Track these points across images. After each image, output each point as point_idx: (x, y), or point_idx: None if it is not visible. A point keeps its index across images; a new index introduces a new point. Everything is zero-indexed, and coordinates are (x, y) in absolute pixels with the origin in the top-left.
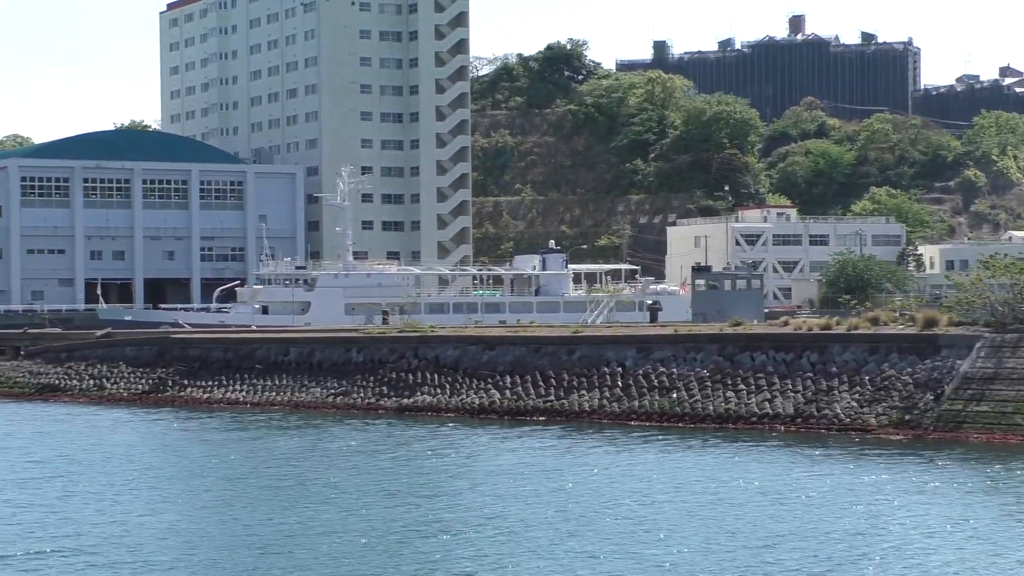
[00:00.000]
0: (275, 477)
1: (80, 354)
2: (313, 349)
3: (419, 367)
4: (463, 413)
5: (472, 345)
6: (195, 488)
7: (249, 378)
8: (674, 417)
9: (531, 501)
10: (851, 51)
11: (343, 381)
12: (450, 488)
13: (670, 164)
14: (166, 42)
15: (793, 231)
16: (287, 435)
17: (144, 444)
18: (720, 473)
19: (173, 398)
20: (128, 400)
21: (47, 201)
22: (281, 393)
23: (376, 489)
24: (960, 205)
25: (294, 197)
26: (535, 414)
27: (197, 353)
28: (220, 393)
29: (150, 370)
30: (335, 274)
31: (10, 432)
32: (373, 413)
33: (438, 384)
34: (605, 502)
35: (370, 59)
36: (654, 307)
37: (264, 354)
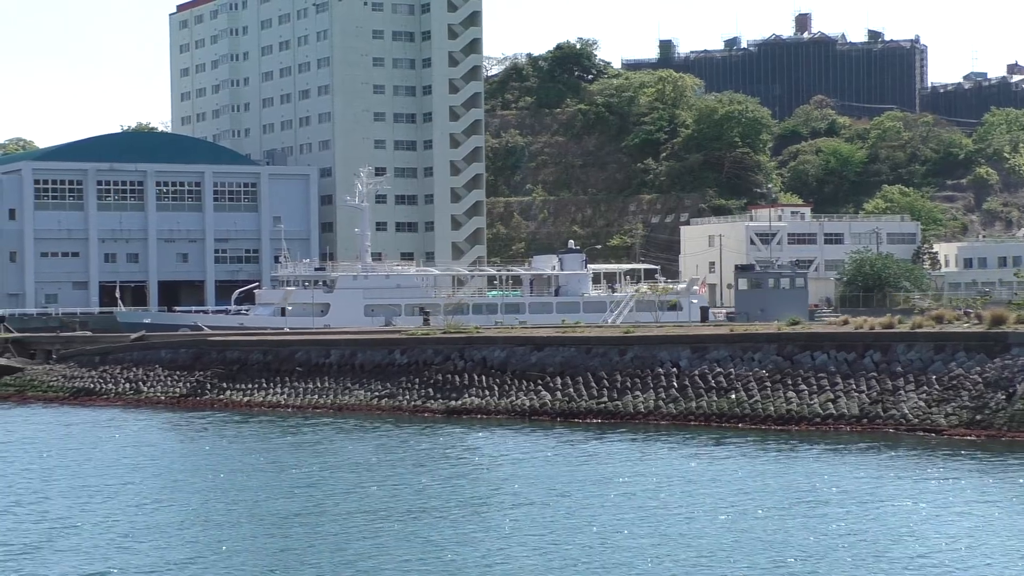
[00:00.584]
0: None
1: (114, 357)
2: (355, 351)
3: (466, 369)
4: (513, 415)
5: (520, 346)
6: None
7: (290, 381)
8: (734, 418)
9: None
10: (858, 49)
11: (387, 383)
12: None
13: (682, 163)
14: (176, 44)
15: (808, 230)
16: (353, 439)
17: (232, 451)
18: (840, 480)
19: (212, 401)
20: (165, 404)
21: (60, 204)
22: (323, 396)
23: (542, 504)
24: (972, 203)
25: (308, 198)
26: (588, 416)
27: (235, 356)
28: (260, 396)
29: (187, 373)
30: (354, 275)
31: (79, 436)
32: (420, 415)
33: (486, 386)
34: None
35: (383, 59)
36: (704, 307)
37: (304, 356)
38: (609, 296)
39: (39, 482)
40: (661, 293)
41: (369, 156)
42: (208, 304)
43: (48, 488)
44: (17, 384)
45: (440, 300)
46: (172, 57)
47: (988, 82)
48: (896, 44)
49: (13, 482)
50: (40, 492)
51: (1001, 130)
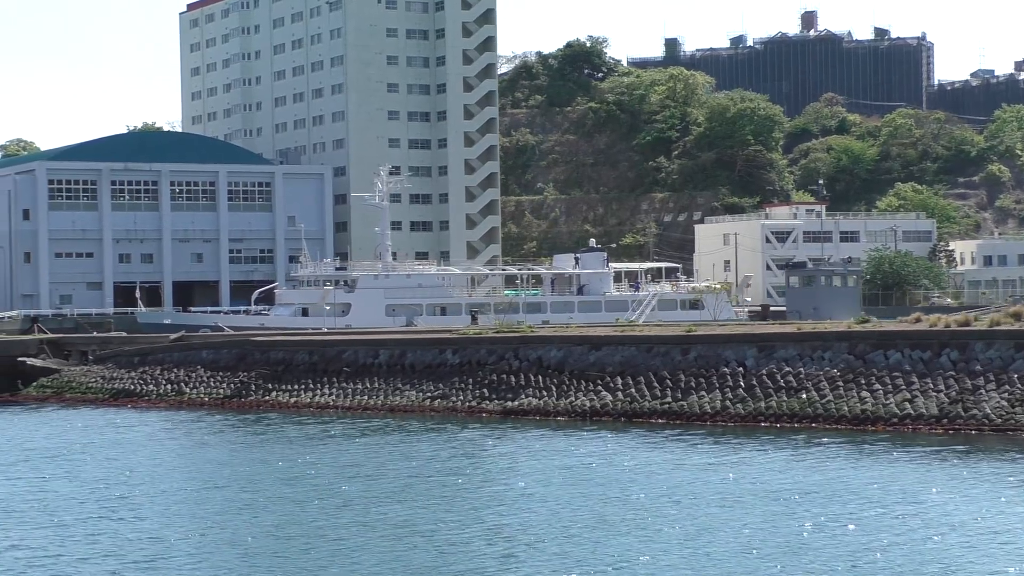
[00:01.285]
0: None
1: (154, 358)
2: (404, 351)
3: (521, 369)
4: (573, 416)
5: (577, 346)
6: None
7: (337, 381)
8: (806, 418)
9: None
10: (864, 47)
11: (439, 384)
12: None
13: (694, 162)
14: (186, 43)
15: (823, 228)
16: (423, 440)
17: (305, 454)
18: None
19: (257, 402)
20: (209, 405)
21: (74, 204)
22: (373, 397)
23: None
24: (985, 200)
25: (322, 198)
26: (652, 416)
27: (280, 356)
28: (308, 397)
29: (231, 374)
30: (375, 275)
31: (143, 441)
32: (475, 417)
33: (543, 386)
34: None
35: (397, 58)
36: (766, 305)
37: (352, 357)
38: (632, 295)
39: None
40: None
41: (383, 155)
42: (223, 304)
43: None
44: (54, 385)
45: (463, 299)
46: (182, 56)
47: (996, 79)
48: (903, 42)
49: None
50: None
51: (1012, 127)
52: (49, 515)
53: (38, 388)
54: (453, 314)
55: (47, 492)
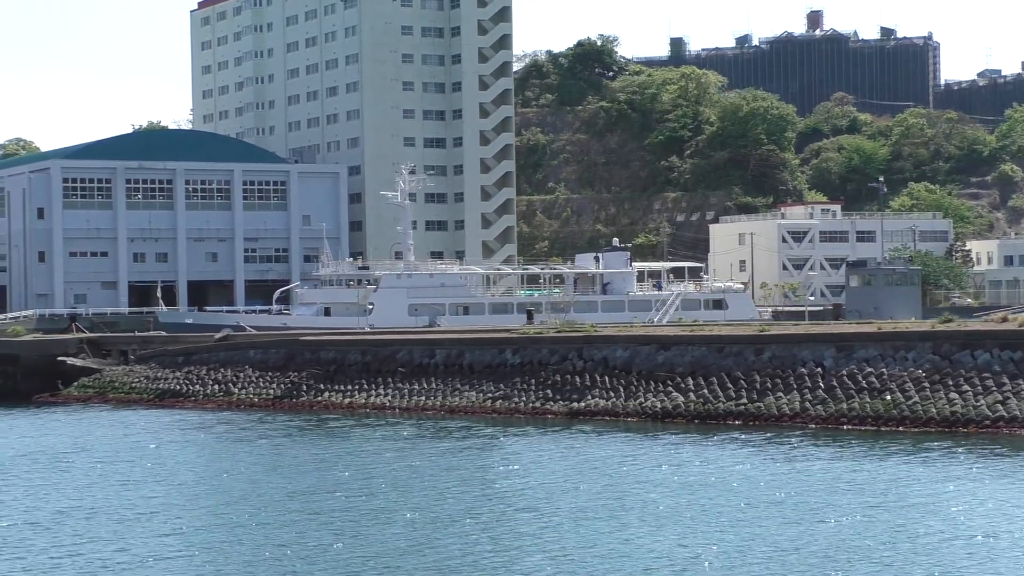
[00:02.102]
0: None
1: (199, 358)
2: (462, 351)
3: (586, 369)
4: (643, 417)
5: (643, 345)
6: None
7: (393, 382)
8: (891, 420)
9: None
10: (870, 46)
11: (500, 384)
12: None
13: (707, 161)
14: (197, 41)
15: (839, 228)
16: (516, 443)
17: (408, 456)
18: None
19: (309, 403)
20: (260, 406)
21: (89, 203)
22: (431, 397)
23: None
24: (997, 200)
25: (337, 197)
26: (727, 418)
27: (331, 356)
28: (362, 397)
29: (280, 374)
30: (398, 274)
31: (220, 448)
32: (540, 418)
33: (610, 387)
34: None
35: (412, 55)
36: (838, 304)
37: (407, 357)
38: (655, 295)
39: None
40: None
41: (398, 154)
42: (238, 304)
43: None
44: (96, 385)
45: (486, 299)
46: (193, 54)
47: (1003, 79)
48: (909, 41)
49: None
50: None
51: (1023, 127)
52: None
53: (80, 388)
54: (476, 314)
55: (184, 498)
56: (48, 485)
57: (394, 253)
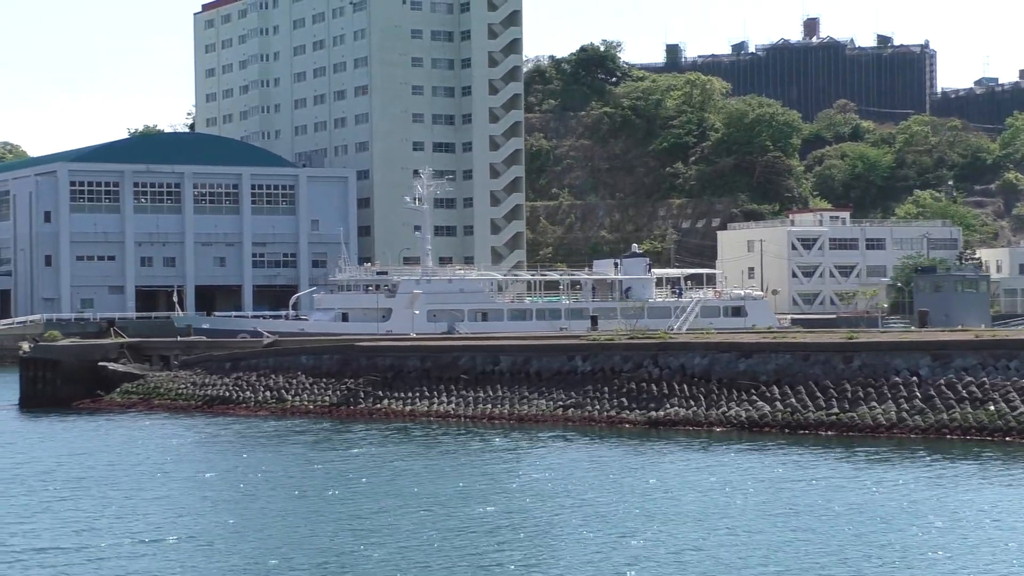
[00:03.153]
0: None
1: (247, 364)
2: (528, 357)
3: (663, 377)
4: (728, 427)
5: (723, 353)
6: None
7: (456, 389)
8: (997, 431)
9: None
10: (867, 54)
11: (571, 392)
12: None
13: (712, 168)
14: (201, 44)
15: (849, 235)
16: (613, 452)
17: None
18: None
19: (368, 411)
20: (316, 413)
21: (96, 206)
22: (498, 405)
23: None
24: (1002, 208)
25: (346, 201)
26: (818, 428)
27: (389, 362)
28: (424, 405)
29: (335, 381)
30: (416, 279)
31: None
32: (617, 427)
33: (690, 395)
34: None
35: (422, 59)
36: (924, 311)
37: (469, 363)
38: (675, 302)
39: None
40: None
41: (407, 158)
42: (245, 309)
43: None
44: (140, 391)
45: (504, 305)
46: (196, 57)
47: (1001, 87)
48: (906, 49)
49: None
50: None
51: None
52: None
53: (123, 394)
54: (494, 320)
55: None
56: (206, 501)
57: (402, 258)
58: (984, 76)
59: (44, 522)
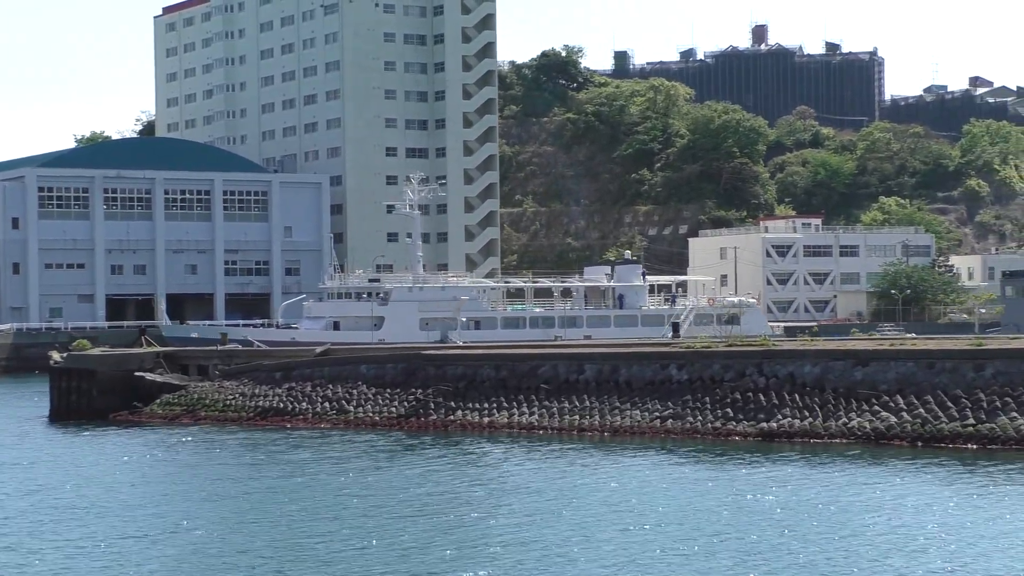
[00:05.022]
0: None
1: (300, 374)
2: (616, 366)
3: (770, 386)
4: (851, 439)
5: (837, 360)
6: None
7: (537, 399)
8: None
9: None
10: (816, 61)
11: (667, 402)
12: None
13: (678, 174)
14: (162, 48)
15: (823, 241)
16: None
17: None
18: None
19: (441, 422)
20: (382, 425)
21: (65, 212)
22: (586, 416)
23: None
24: (964, 215)
25: (319, 208)
26: (955, 440)
27: (460, 372)
28: (504, 416)
29: (401, 391)
30: (409, 287)
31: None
32: (724, 440)
33: (803, 405)
34: None
35: (394, 63)
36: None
37: (550, 372)
38: (668, 309)
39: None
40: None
41: (380, 164)
42: (217, 318)
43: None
44: (183, 403)
45: (498, 313)
46: (157, 61)
47: (951, 95)
48: (855, 56)
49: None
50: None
51: (985, 141)
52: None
53: (164, 406)
54: (487, 328)
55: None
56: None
57: (376, 266)
58: (934, 83)
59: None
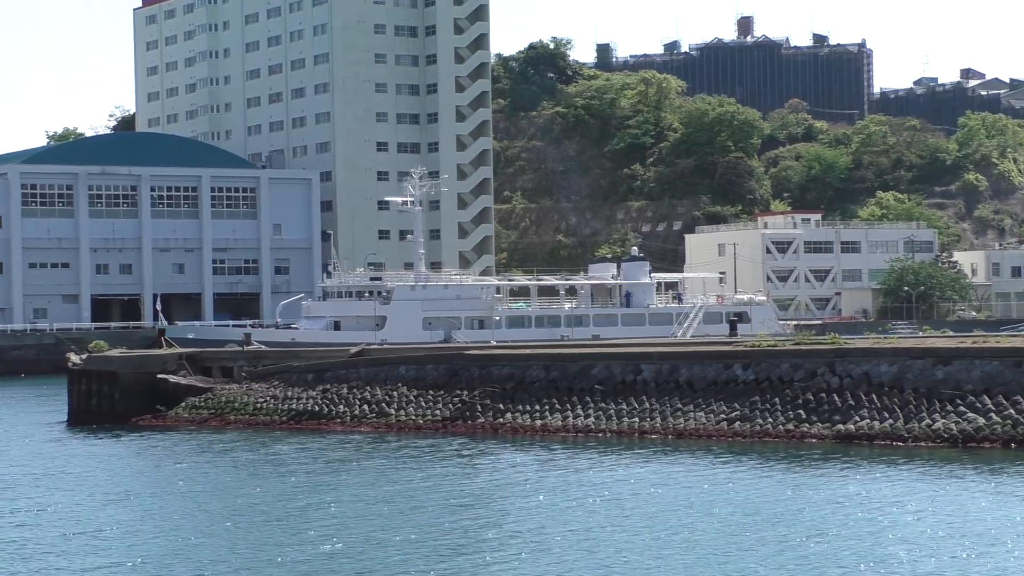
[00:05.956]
0: None
1: (334, 375)
2: (676, 366)
3: (843, 386)
4: (936, 442)
5: (916, 359)
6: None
7: (593, 401)
8: None
9: None
10: (803, 53)
11: (734, 403)
12: None
13: (671, 169)
14: (142, 41)
15: (824, 238)
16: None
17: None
18: None
19: (491, 425)
20: (427, 428)
21: (49, 211)
22: (647, 419)
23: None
24: (963, 210)
25: (309, 204)
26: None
27: (506, 372)
28: (557, 419)
29: (444, 393)
30: (412, 286)
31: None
32: (798, 442)
33: (881, 406)
34: None
35: (385, 56)
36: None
37: (604, 373)
38: (676, 308)
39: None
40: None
41: (371, 159)
42: (206, 318)
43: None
44: (210, 406)
45: (503, 312)
46: (137, 55)
47: (942, 87)
48: (843, 48)
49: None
50: None
51: (981, 135)
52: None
53: (190, 409)
54: (491, 328)
55: None
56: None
57: (367, 264)
58: (924, 76)
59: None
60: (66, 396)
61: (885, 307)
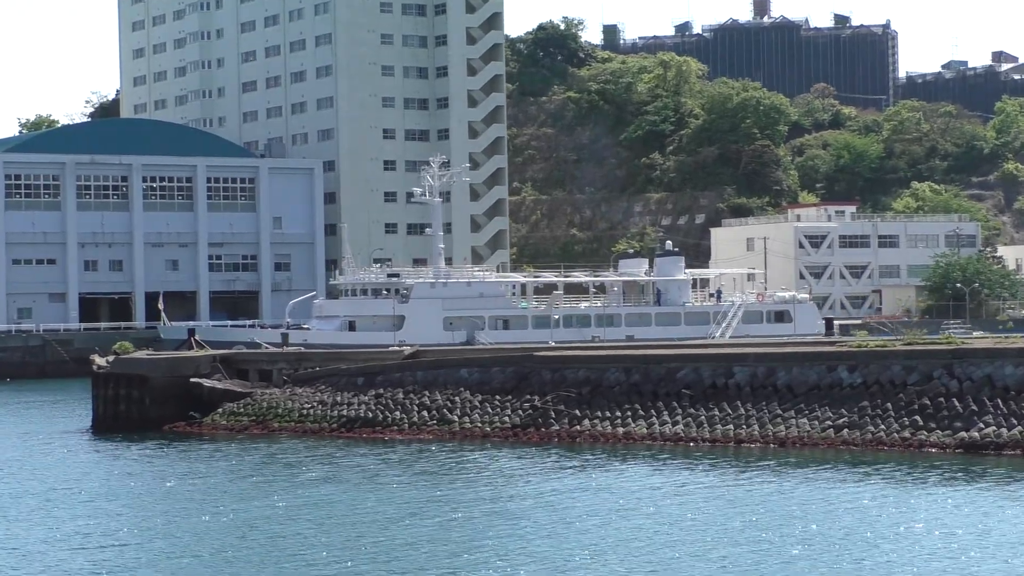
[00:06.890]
0: None
1: (387, 379)
2: (773, 368)
3: (963, 391)
4: None
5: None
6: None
7: (680, 407)
8: None
9: None
10: (824, 35)
11: (840, 409)
12: None
13: (693, 158)
14: (127, 21)
15: (860, 231)
16: None
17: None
18: None
19: (567, 432)
20: (495, 436)
21: (34, 203)
22: (743, 426)
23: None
24: (1002, 201)
25: (311, 196)
26: None
27: (582, 376)
28: (642, 426)
29: (513, 398)
30: (432, 283)
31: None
32: (916, 452)
33: (1008, 412)
34: None
35: (392, 36)
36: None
37: (692, 376)
38: (714, 306)
39: None
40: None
41: (377, 147)
42: (202, 318)
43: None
44: (251, 412)
45: (528, 312)
46: (121, 36)
47: (972, 71)
48: (866, 30)
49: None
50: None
51: (1020, 121)
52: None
53: (229, 416)
54: (517, 327)
55: None
56: None
57: (373, 259)
58: (953, 59)
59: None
60: (74, 401)
61: (931, 306)
